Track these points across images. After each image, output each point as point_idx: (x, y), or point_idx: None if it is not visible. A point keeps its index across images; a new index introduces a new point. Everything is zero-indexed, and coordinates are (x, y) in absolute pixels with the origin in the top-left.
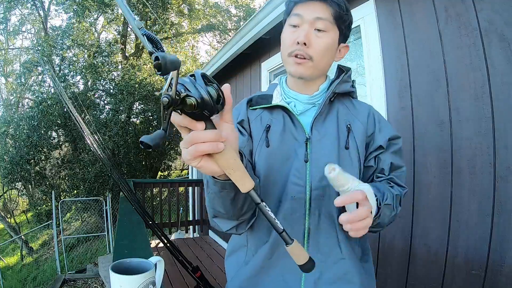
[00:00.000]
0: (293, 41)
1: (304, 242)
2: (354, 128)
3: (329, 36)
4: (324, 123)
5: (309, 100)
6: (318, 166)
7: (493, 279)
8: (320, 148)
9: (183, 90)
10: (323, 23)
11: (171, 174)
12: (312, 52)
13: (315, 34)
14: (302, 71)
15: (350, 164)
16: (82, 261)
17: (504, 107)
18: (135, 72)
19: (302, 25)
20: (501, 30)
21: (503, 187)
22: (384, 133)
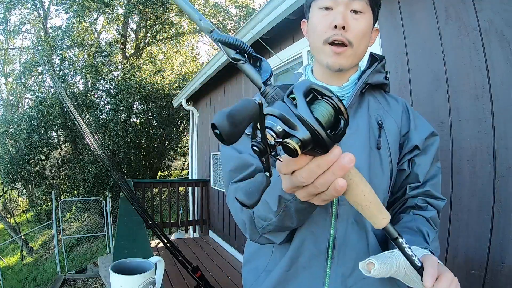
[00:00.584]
0: (328, 25)
1: (328, 255)
2: (386, 125)
3: (366, 18)
4: (354, 117)
5: (338, 92)
6: None
7: (493, 279)
8: (350, 145)
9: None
10: (360, 4)
11: (171, 174)
12: (352, 37)
13: (351, 16)
14: (342, 62)
15: (380, 167)
16: (82, 261)
17: (504, 107)
18: (135, 72)
19: (336, 7)
20: (501, 30)
21: (503, 187)
22: (420, 132)
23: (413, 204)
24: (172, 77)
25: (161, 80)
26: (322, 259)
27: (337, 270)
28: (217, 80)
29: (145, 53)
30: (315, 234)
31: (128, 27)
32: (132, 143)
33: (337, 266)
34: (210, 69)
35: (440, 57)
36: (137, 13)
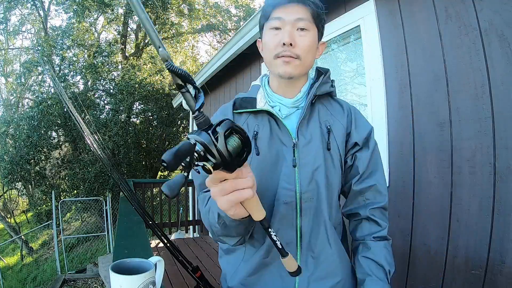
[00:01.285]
0: (277, 43)
1: (297, 243)
2: (334, 129)
3: (311, 34)
4: (308, 126)
5: (293, 104)
6: (306, 170)
7: (493, 279)
8: (307, 152)
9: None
10: (305, 23)
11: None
12: (299, 51)
13: (298, 34)
14: (291, 71)
15: (332, 165)
16: (82, 261)
17: (504, 107)
18: (135, 72)
19: (284, 27)
20: (501, 30)
21: (503, 187)
22: (359, 130)
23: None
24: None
25: (161, 80)
26: (293, 246)
27: (306, 254)
28: (217, 80)
29: (145, 53)
30: (286, 226)
31: (128, 27)
32: (132, 143)
33: (306, 251)
34: (210, 69)
35: (440, 57)
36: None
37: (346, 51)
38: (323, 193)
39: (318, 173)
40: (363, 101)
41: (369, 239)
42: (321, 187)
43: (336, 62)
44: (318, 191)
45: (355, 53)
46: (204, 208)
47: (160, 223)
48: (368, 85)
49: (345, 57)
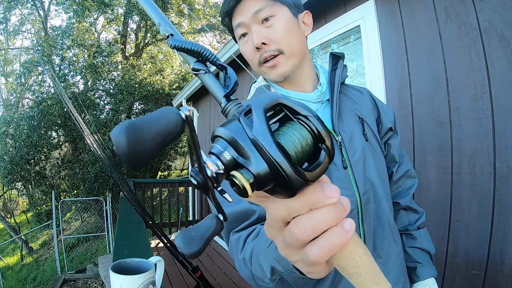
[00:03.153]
0: (251, 50)
1: None
2: (366, 118)
3: (280, 17)
4: (343, 121)
5: (318, 98)
6: (358, 169)
7: (493, 279)
8: (355, 149)
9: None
10: (264, 11)
11: (171, 174)
12: (277, 45)
13: (265, 26)
14: (282, 70)
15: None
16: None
17: (504, 107)
18: (135, 72)
19: (249, 30)
20: (501, 30)
21: (503, 187)
22: (388, 115)
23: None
24: (172, 77)
25: (161, 80)
26: None
27: None
28: None
29: (145, 53)
30: None
31: (128, 27)
32: None
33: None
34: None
35: (440, 57)
36: (137, 13)
37: (346, 51)
38: (380, 191)
39: (370, 170)
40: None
41: (413, 229)
42: (376, 184)
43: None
44: (374, 190)
45: (355, 53)
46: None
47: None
48: (368, 85)
49: (345, 57)
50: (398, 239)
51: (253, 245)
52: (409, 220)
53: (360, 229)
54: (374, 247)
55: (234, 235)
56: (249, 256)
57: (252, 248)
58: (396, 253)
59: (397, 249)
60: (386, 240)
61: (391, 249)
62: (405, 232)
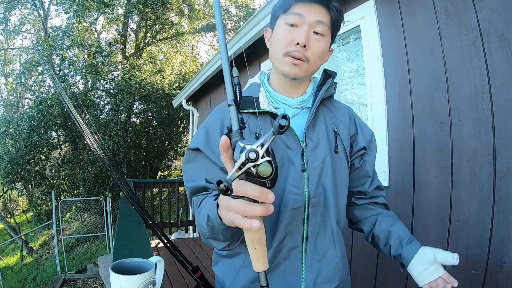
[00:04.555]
0: (291, 40)
1: (303, 246)
2: (340, 132)
3: (326, 40)
4: (314, 130)
5: (299, 104)
6: (314, 175)
7: (493, 279)
8: (315, 157)
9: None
10: (323, 28)
11: (171, 174)
12: (310, 55)
13: (313, 37)
14: (297, 72)
15: (341, 167)
16: (82, 261)
17: (504, 107)
18: (135, 72)
19: (301, 26)
20: (501, 30)
21: (503, 187)
22: (365, 134)
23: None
24: (172, 77)
25: (161, 80)
26: (298, 250)
27: (312, 258)
28: (217, 80)
29: (145, 53)
30: (293, 231)
31: (128, 27)
32: (132, 143)
33: (311, 255)
34: (210, 69)
35: (440, 57)
36: (137, 13)
37: (346, 51)
38: (330, 196)
39: (325, 177)
40: (363, 101)
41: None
42: (328, 191)
43: (336, 62)
44: (325, 195)
45: (355, 53)
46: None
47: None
48: (368, 85)
49: (345, 57)
50: (338, 245)
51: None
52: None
53: (304, 225)
54: (315, 245)
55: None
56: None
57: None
58: (333, 256)
59: (334, 252)
60: (326, 241)
61: (329, 251)
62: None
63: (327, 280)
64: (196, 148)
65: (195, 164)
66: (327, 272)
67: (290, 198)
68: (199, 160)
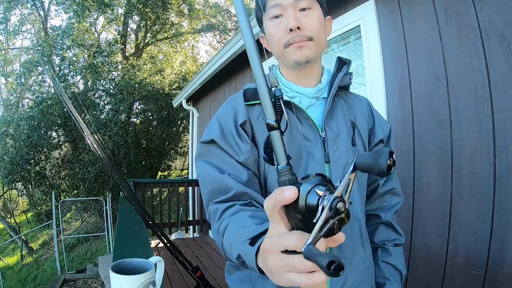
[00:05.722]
0: (283, 30)
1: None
2: (358, 124)
3: (316, 11)
4: (333, 119)
5: (315, 94)
6: (337, 166)
7: (493, 279)
8: (337, 147)
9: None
10: (305, 2)
11: (171, 174)
12: (309, 33)
13: (302, 15)
14: (308, 53)
15: None
16: (82, 261)
17: (504, 107)
18: (135, 72)
19: (285, 12)
20: (501, 30)
21: (503, 187)
22: (383, 128)
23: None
24: (172, 77)
25: (161, 80)
26: None
27: None
28: (217, 80)
29: (145, 53)
30: None
31: (128, 27)
32: (132, 143)
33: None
34: (210, 69)
35: (440, 57)
36: (137, 13)
37: (346, 51)
38: (355, 191)
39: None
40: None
41: (390, 245)
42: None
43: None
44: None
45: (355, 53)
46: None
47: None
48: (368, 85)
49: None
50: (367, 245)
51: (228, 221)
52: (388, 237)
53: None
54: (340, 246)
55: (213, 205)
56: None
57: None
58: (362, 258)
59: (364, 254)
60: (354, 241)
61: (357, 253)
62: (381, 246)
63: (355, 285)
64: (210, 141)
65: (211, 157)
66: (355, 278)
67: None
68: (215, 153)
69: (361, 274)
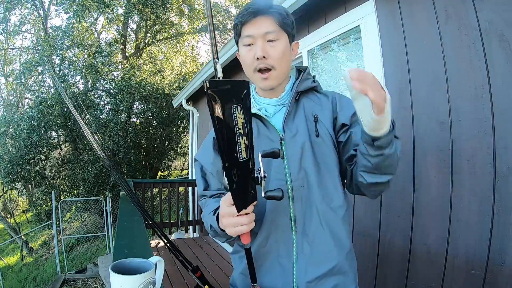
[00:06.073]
0: (252, 57)
1: (292, 229)
2: (322, 117)
3: (281, 42)
4: (294, 121)
5: (278, 102)
6: (294, 160)
7: (493, 279)
8: (293, 144)
9: None
10: (273, 34)
11: (171, 174)
12: (272, 62)
13: (269, 45)
14: (270, 83)
15: (325, 149)
16: (82, 261)
17: (504, 107)
18: (135, 72)
19: (255, 42)
20: (501, 30)
21: (503, 187)
22: (345, 111)
23: None
24: (172, 77)
25: (161, 80)
26: (289, 233)
27: (302, 240)
28: None
29: (145, 53)
30: (279, 215)
31: (128, 27)
32: (132, 143)
33: (301, 237)
34: (210, 69)
35: (440, 57)
36: (137, 13)
37: (346, 51)
38: (313, 180)
39: (306, 162)
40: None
41: None
42: (310, 174)
43: (336, 62)
44: (308, 179)
45: (355, 53)
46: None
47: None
48: None
49: (345, 57)
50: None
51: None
52: None
53: (290, 209)
54: (304, 226)
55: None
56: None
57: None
58: (323, 238)
59: (323, 233)
60: (313, 222)
61: (317, 231)
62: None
63: (319, 262)
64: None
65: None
66: (318, 253)
67: (274, 184)
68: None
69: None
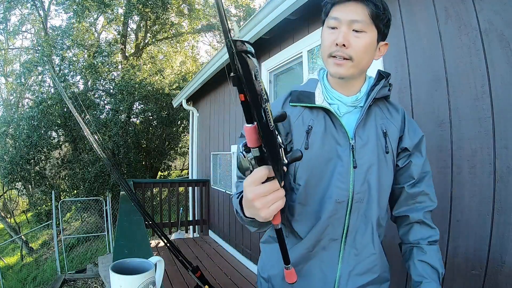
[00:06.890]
0: (331, 42)
1: (342, 239)
2: (390, 133)
3: (368, 36)
4: (365, 128)
5: (353, 103)
6: (360, 172)
7: (493, 279)
8: (363, 154)
9: None
10: (360, 25)
11: (171, 174)
12: (352, 53)
13: (353, 35)
14: (342, 72)
15: (386, 168)
16: (82, 261)
17: (504, 107)
18: (135, 72)
19: (340, 27)
20: (501, 30)
21: (503, 187)
22: (412, 136)
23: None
24: (172, 77)
25: (161, 80)
26: (337, 243)
27: (349, 251)
28: (217, 80)
29: (145, 53)
30: (334, 223)
31: (128, 27)
32: (132, 143)
33: (349, 248)
34: (210, 69)
35: (440, 57)
36: (137, 13)
37: None
38: (374, 194)
39: (371, 176)
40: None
41: (424, 243)
42: (373, 189)
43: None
44: (370, 193)
45: None
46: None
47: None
48: None
49: None
50: (377, 242)
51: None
52: (422, 235)
53: (346, 219)
54: (354, 239)
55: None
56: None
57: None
58: (370, 252)
59: (372, 249)
60: (365, 237)
61: (367, 247)
62: (416, 245)
63: (362, 272)
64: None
65: None
66: (363, 266)
67: (335, 192)
68: None
69: (369, 264)
